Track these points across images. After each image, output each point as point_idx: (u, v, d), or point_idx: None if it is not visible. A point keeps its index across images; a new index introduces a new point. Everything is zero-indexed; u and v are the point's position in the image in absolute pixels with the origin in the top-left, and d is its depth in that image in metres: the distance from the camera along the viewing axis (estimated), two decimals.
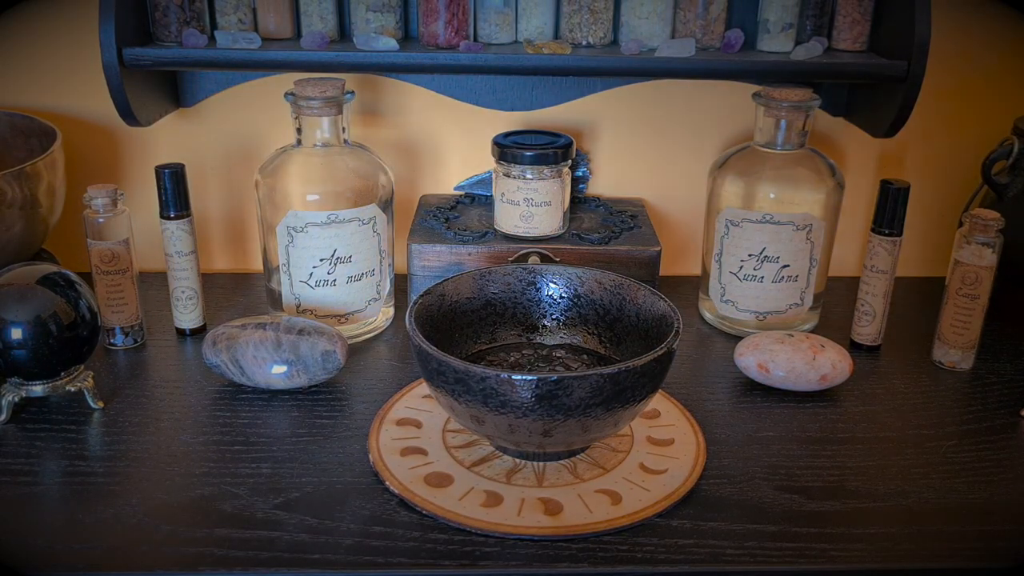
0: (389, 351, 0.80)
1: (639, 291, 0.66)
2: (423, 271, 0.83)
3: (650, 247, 0.83)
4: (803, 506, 0.59)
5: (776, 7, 0.81)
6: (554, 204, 0.83)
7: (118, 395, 0.71)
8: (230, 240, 0.97)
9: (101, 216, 0.74)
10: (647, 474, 0.61)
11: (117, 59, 0.75)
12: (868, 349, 0.81)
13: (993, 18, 0.89)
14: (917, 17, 0.75)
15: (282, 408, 0.70)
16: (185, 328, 0.81)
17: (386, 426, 0.66)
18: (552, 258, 0.82)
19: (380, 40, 0.78)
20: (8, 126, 0.87)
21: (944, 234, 0.97)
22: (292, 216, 0.75)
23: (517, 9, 0.82)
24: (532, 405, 0.54)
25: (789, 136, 0.79)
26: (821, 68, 0.79)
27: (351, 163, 0.78)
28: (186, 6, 0.78)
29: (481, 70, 0.78)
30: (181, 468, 0.62)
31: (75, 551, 0.54)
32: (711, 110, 0.93)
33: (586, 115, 0.93)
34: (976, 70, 0.91)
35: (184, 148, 0.92)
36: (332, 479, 0.61)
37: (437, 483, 0.60)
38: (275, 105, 0.90)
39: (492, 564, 0.54)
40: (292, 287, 0.78)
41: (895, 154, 0.94)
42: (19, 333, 0.63)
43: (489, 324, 0.70)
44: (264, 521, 0.57)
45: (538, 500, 0.58)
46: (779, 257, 0.80)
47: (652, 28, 0.81)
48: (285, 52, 0.77)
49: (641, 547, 0.55)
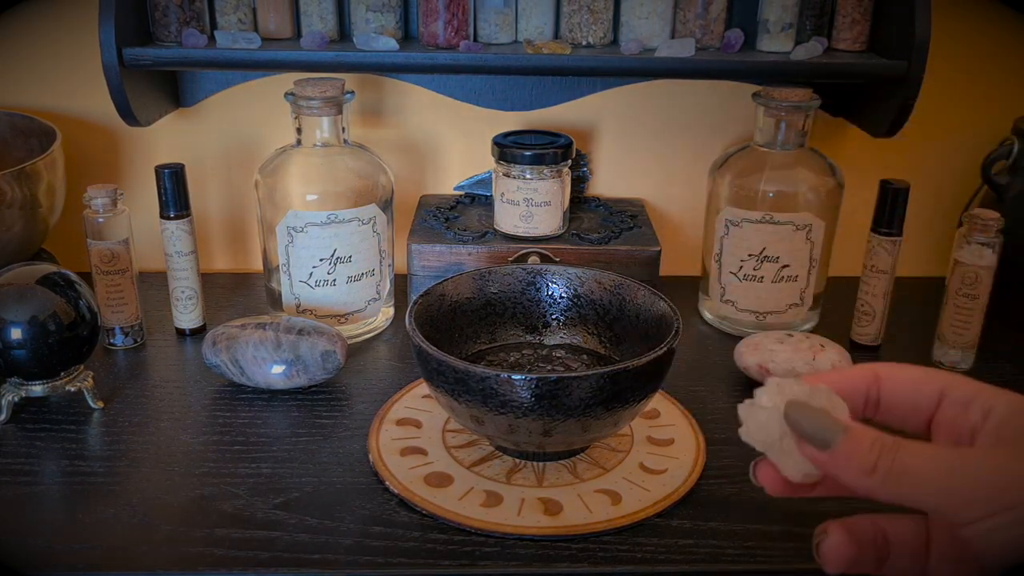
0: (389, 351, 0.80)
1: (639, 291, 0.66)
2: (423, 271, 0.83)
3: (650, 247, 0.83)
4: (803, 506, 0.59)
5: (776, 7, 0.81)
6: (554, 204, 0.83)
7: (118, 395, 0.71)
8: (230, 240, 0.97)
9: (101, 216, 0.74)
10: (647, 474, 0.61)
11: (117, 59, 0.74)
12: (868, 349, 0.81)
13: (993, 18, 0.89)
14: (917, 17, 0.75)
15: (282, 408, 0.70)
16: (185, 328, 0.81)
17: (386, 426, 0.66)
18: (552, 258, 0.82)
19: (380, 40, 0.78)
20: (8, 126, 0.87)
21: (944, 234, 0.97)
22: (292, 216, 0.75)
23: (517, 9, 0.82)
24: (532, 405, 0.54)
25: (789, 136, 0.79)
26: (821, 68, 0.79)
27: (351, 163, 0.78)
28: (186, 6, 0.78)
29: (481, 70, 0.78)
30: (181, 468, 0.62)
31: (75, 551, 0.54)
32: (711, 110, 0.93)
33: (586, 115, 0.93)
34: (976, 70, 0.91)
35: (184, 148, 0.92)
36: (332, 479, 0.61)
37: (437, 483, 0.60)
38: (275, 105, 0.90)
39: (492, 564, 0.54)
40: (292, 287, 0.78)
41: (895, 154, 0.94)
42: (19, 333, 0.63)
43: (489, 324, 0.70)
44: (264, 521, 0.57)
45: (538, 500, 0.58)
46: (779, 257, 0.80)
47: (652, 28, 0.81)
48: (285, 52, 0.77)
49: (641, 547, 0.55)
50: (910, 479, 0.33)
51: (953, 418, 0.37)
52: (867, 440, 0.34)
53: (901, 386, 0.39)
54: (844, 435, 0.34)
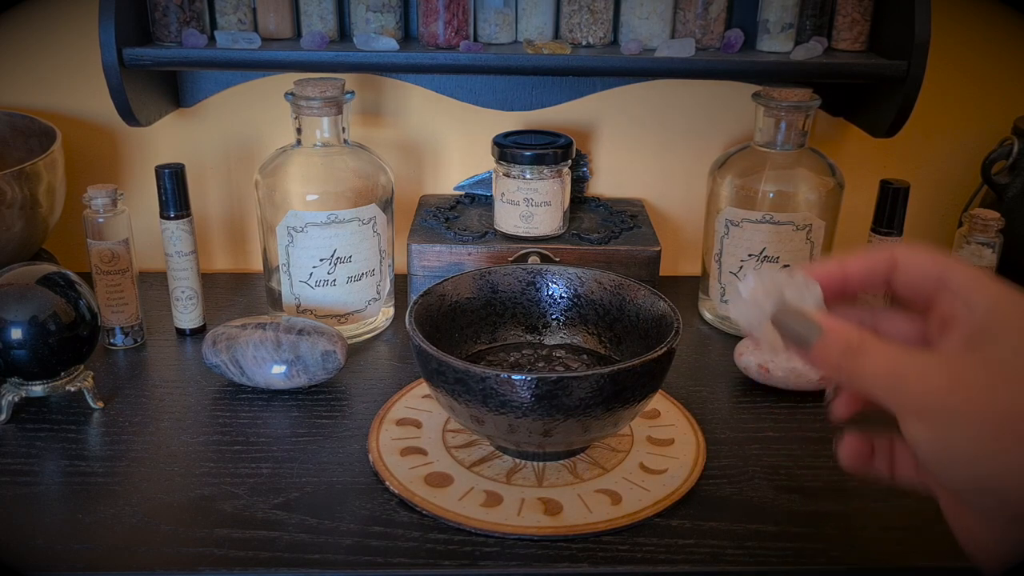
0: (389, 351, 0.80)
1: (639, 291, 0.66)
2: (423, 271, 0.83)
3: (650, 247, 0.83)
4: (803, 506, 0.59)
5: (776, 7, 0.81)
6: (554, 204, 0.83)
7: (118, 395, 0.71)
8: (230, 240, 0.97)
9: (101, 216, 0.74)
10: (647, 474, 0.61)
11: (117, 59, 0.75)
12: None
13: (993, 18, 0.89)
14: (917, 17, 0.75)
15: (282, 408, 0.70)
16: (185, 328, 0.81)
17: (386, 426, 0.66)
18: (552, 258, 0.82)
19: (380, 40, 0.78)
20: (8, 126, 0.87)
21: (944, 234, 0.97)
22: (292, 216, 0.75)
23: (517, 9, 0.82)
24: (532, 405, 0.54)
25: (789, 136, 0.79)
26: (821, 68, 0.79)
27: (351, 163, 0.78)
28: (186, 6, 0.78)
29: (481, 70, 0.78)
30: (181, 468, 0.62)
31: (75, 551, 0.54)
32: (711, 110, 0.93)
33: (586, 115, 0.93)
34: (976, 70, 0.91)
35: (184, 148, 0.92)
36: (332, 479, 0.61)
37: (437, 483, 0.60)
38: (275, 105, 0.90)
39: (492, 564, 0.54)
40: (292, 287, 0.78)
41: (895, 154, 0.94)
42: (19, 333, 0.63)
43: (489, 324, 0.70)
44: (264, 521, 0.57)
45: (538, 500, 0.58)
46: (779, 257, 0.80)
47: (652, 28, 0.81)
48: (285, 52, 0.77)
49: (641, 547, 0.55)
50: (866, 380, 0.36)
51: (947, 307, 0.38)
52: (838, 341, 0.37)
53: (911, 270, 0.39)
54: (819, 337, 0.37)
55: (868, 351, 0.36)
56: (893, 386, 0.35)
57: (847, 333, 0.37)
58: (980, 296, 0.36)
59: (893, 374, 0.35)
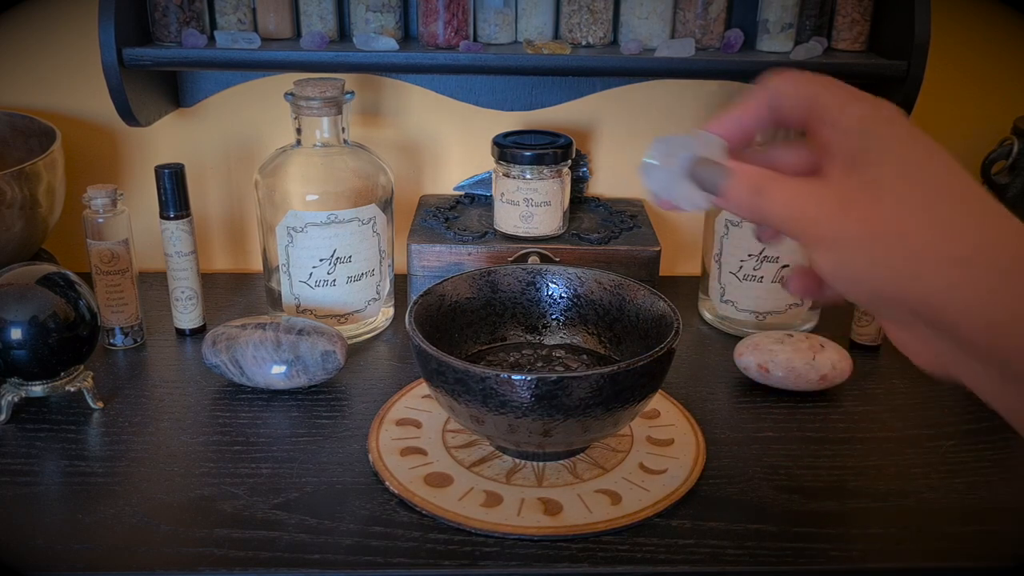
0: (389, 351, 0.80)
1: (639, 291, 0.66)
2: (423, 271, 0.83)
3: (650, 247, 0.83)
4: (803, 506, 0.59)
5: (776, 7, 0.81)
6: (554, 204, 0.83)
7: (118, 395, 0.71)
8: (230, 240, 0.97)
9: (101, 216, 0.74)
10: (647, 474, 0.61)
11: (117, 59, 0.75)
12: (868, 349, 0.81)
13: (993, 18, 0.89)
14: (916, 17, 0.75)
15: (282, 408, 0.70)
16: (185, 328, 0.81)
17: (386, 426, 0.66)
18: (552, 258, 0.82)
19: (380, 40, 0.78)
20: (8, 126, 0.87)
21: None
22: (292, 216, 0.75)
23: (517, 9, 0.82)
24: (532, 405, 0.54)
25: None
26: (821, 68, 0.79)
27: (351, 163, 0.78)
28: (186, 6, 0.78)
29: (481, 70, 0.78)
30: (181, 468, 0.62)
31: (75, 551, 0.54)
32: (711, 110, 0.93)
33: (586, 115, 0.93)
34: (976, 70, 0.91)
35: (184, 148, 0.92)
36: (332, 479, 0.61)
37: (437, 483, 0.60)
38: (275, 105, 0.90)
39: (492, 564, 0.54)
40: (292, 287, 0.78)
41: None
42: (19, 333, 0.63)
43: (489, 324, 0.70)
44: (264, 521, 0.57)
45: (538, 500, 0.58)
46: (779, 257, 0.80)
47: (652, 28, 0.81)
48: (285, 52, 0.77)
49: (641, 547, 0.55)
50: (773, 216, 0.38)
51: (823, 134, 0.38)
52: (743, 182, 0.39)
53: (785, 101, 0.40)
54: (726, 180, 0.39)
55: (770, 188, 0.38)
56: (794, 217, 0.37)
57: (750, 173, 0.39)
58: (849, 120, 0.37)
59: (793, 206, 0.37)
